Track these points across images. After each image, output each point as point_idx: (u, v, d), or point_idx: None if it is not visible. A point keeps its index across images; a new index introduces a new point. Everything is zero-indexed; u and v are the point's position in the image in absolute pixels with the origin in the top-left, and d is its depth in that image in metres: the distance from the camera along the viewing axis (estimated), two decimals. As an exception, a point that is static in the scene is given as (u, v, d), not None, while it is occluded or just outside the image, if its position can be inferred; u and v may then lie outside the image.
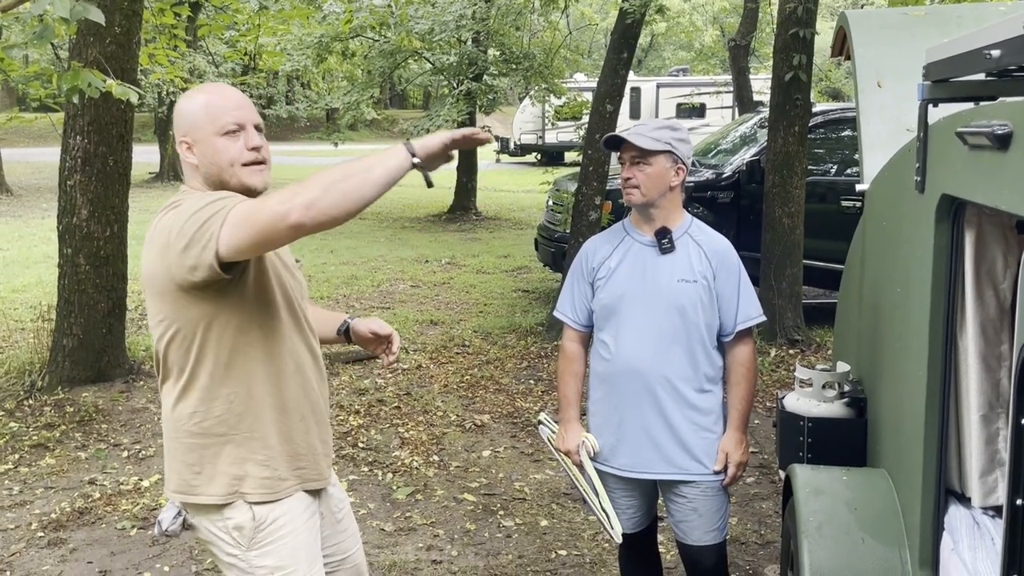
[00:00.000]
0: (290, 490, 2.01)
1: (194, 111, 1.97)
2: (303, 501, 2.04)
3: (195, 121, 1.96)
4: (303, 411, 2.03)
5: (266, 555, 1.97)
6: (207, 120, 1.95)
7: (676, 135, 2.48)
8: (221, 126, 1.94)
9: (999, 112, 1.64)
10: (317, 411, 2.08)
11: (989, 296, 2.04)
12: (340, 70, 17.06)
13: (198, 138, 1.96)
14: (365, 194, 1.72)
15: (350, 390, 5.71)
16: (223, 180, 1.96)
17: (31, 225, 13.12)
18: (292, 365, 2.01)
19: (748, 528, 3.87)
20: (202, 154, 1.96)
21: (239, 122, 1.96)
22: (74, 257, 5.42)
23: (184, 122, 1.98)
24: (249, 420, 1.95)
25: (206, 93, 2.01)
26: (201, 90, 2.04)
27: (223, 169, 1.95)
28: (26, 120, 7.49)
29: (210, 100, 1.98)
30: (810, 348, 6.50)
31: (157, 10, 6.16)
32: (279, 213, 1.69)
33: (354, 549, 2.28)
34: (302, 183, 1.71)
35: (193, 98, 2.01)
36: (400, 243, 11.98)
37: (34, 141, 26.11)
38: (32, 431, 4.88)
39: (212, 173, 1.97)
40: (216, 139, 1.95)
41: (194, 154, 1.97)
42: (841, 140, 7.64)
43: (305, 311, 2.12)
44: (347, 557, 2.26)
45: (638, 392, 2.50)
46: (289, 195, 1.69)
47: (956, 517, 2.06)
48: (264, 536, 1.97)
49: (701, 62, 23.80)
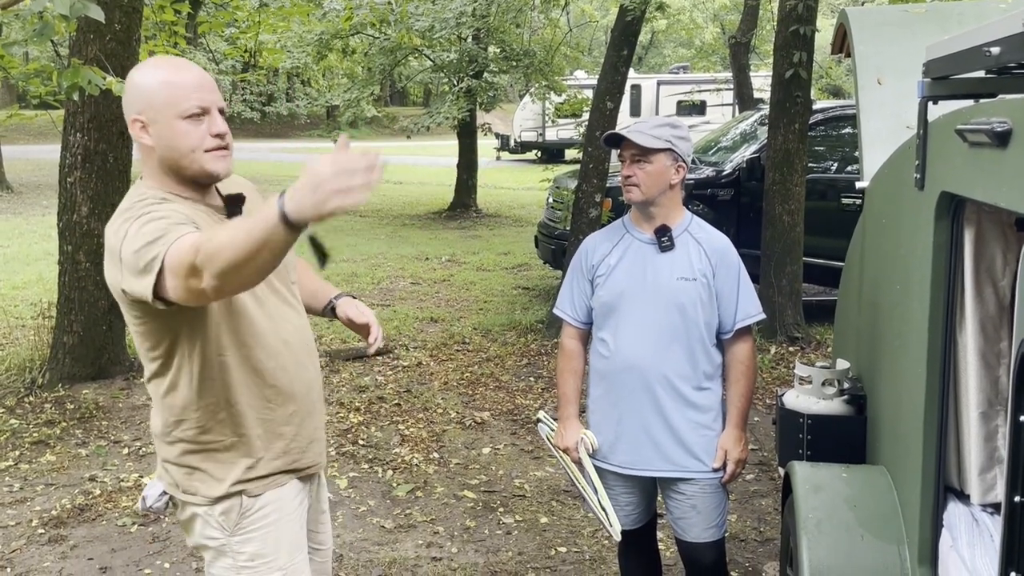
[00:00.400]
0: (280, 479, 1.98)
1: (151, 88, 1.80)
2: (293, 489, 2.01)
3: (152, 100, 1.80)
4: (289, 401, 1.96)
5: (248, 542, 1.94)
6: (167, 101, 1.79)
7: (676, 132, 2.48)
8: (184, 109, 1.79)
9: (999, 109, 1.64)
10: (304, 397, 2.00)
11: (988, 293, 2.04)
12: (340, 67, 17.06)
13: (155, 118, 1.80)
14: (232, 250, 1.51)
15: (350, 387, 5.72)
16: (181, 166, 1.83)
17: (32, 222, 13.11)
18: (272, 360, 1.92)
19: (748, 525, 3.88)
20: (160, 136, 1.81)
21: (203, 105, 1.81)
22: (74, 254, 5.42)
23: (138, 99, 1.81)
24: (231, 425, 1.90)
25: (164, 68, 1.83)
26: (157, 64, 1.87)
27: (183, 155, 1.81)
28: (26, 117, 7.46)
29: (170, 78, 1.81)
30: (810, 345, 6.50)
31: (157, 7, 6.15)
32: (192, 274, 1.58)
33: (330, 542, 2.29)
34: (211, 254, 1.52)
35: (149, 73, 1.83)
36: (400, 240, 11.98)
37: (35, 138, 26.10)
38: (33, 428, 4.88)
39: (169, 158, 1.83)
40: (177, 122, 1.79)
41: (149, 134, 1.82)
42: (841, 137, 7.63)
43: (293, 290, 2.04)
44: (325, 549, 2.26)
45: (637, 390, 2.50)
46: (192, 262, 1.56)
47: (955, 514, 2.06)
48: (249, 523, 1.94)
49: (702, 59, 23.75)
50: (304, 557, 2.04)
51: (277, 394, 1.95)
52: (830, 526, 2.26)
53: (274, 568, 1.96)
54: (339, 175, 1.40)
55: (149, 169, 1.87)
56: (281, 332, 1.95)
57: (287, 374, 1.96)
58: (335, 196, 1.40)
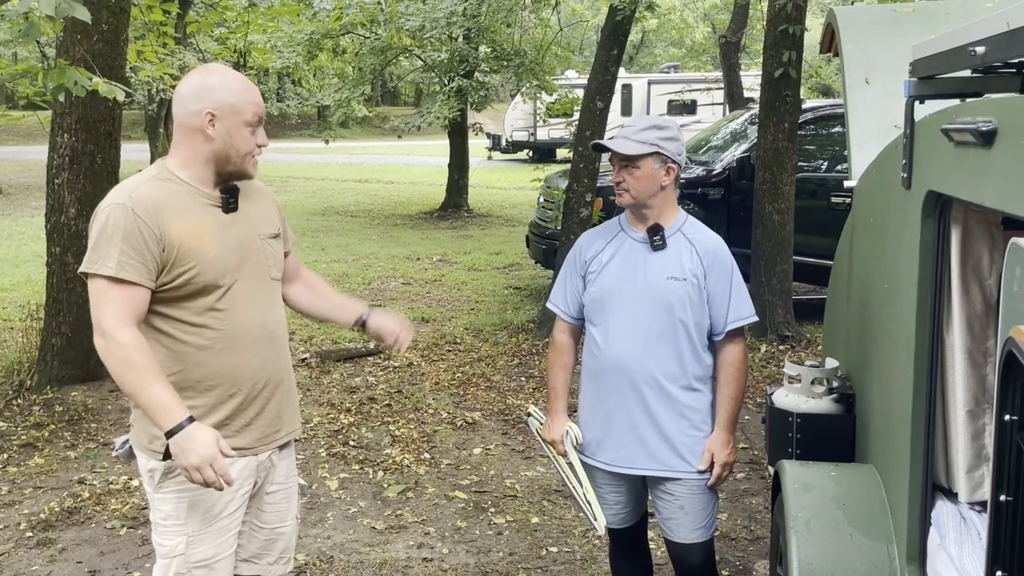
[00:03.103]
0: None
1: (232, 91, 2.06)
2: (232, 466, 2.12)
3: (232, 102, 2.05)
4: (236, 386, 2.13)
5: (165, 501, 2.13)
6: (242, 106, 2.06)
7: (663, 134, 2.46)
8: (250, 118, 2.08)
9: (984, 109, 1.64)
10: (256, 384, 2.17)
11: (975, 292, 2.04)
12: (331, 67, 17.03)
13: (227, 116, 2.05)
14: (120, 383, 1.98)
15: (341, 388, 5.70)
16: (228, 161, 2.08)
17: (20, 224, 13.04)
18: (222, 344, 2.10)
19: (738, 524, 3.88)
20: (225, 132, 2.05)
21: (262, 117, 2.11)
22: (62, 256, 5.40)
23: (216, 96, 2.04)
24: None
25: (240, 80, 2.10)
26: (232, 72, 2.13)
27: (236, 154, 2.08)
28: (14, 118, 7.44)
29: (246, 88, 2.09)
30: (800, 344, 6.52)
31: (145, 7, 6.12)
32: (96, 336, 1.98)
33: (276, 523, 2.36)
34: (122, 359, 1.95)
35: (229, 76, 2.09)
36: (391, 240, 11.96)
37: (23, 139, 25.97)
38: (21, 431, 4.86)
39: (224, 153, 2.07)
40: (242, 127, 2.07)
41: (214, 128, 2.04)
42: (831, 136, 7.66)
43: (270, 285, 2.21)
44: (269, 528, 2.34)
45: (624, 388, 2.50)
46: (104, 339, 1.96)
47: (943, 512, 2.07)
48: (170, 483, 2.11)
49: (692, 59, 23.83)
50: (225, 535, 2.17)
51: (217, 375, 2.11)
52: (819, 525, 2.27)
53: (180, 532, 2.13)
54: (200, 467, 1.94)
55: (189, 153, 2.08)
56: (240, 321, 2.13)
57: (236, 359, 2.13)
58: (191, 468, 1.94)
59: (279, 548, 2.37)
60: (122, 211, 1.98)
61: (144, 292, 2.00)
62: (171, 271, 2.03)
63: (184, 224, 2.04)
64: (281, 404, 2.26)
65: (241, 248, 2.14)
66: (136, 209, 1.99)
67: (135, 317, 1.99)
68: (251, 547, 2.32)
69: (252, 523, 2.30)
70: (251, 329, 2.14)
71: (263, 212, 2.26)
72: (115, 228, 1.97)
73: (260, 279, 2.18)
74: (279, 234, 2.29)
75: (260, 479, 2.27)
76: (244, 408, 2.17)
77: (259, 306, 2.17)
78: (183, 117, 2.07)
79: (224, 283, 2.09)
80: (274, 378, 2.22)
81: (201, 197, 2.11)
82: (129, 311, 1.97)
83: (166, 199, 2.04)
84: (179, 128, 2.09)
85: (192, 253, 2.04)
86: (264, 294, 2.19)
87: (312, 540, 3.72)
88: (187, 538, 2.13)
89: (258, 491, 2.28)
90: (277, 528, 2.36)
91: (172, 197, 2.05)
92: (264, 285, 2.20)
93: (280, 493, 2.34)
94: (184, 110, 2.07)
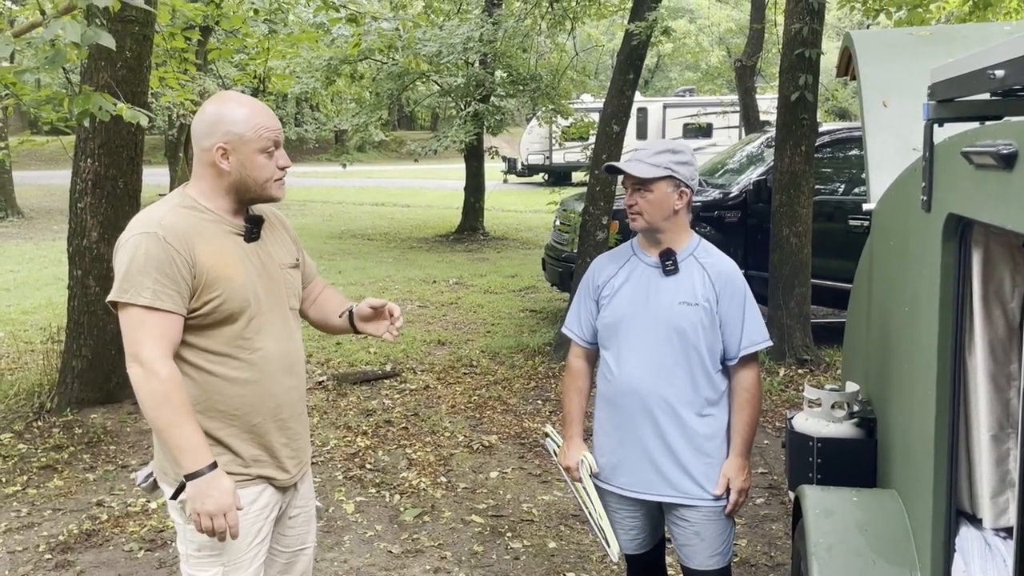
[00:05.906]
0: (243, 481, 2.10)
1: (239, 121, 2.04)
2: (259, 495, 2.13)
3: (240, 132, 2.04)
4: (261, 416, 2.12)
5: (198, 532, 2.07)
6: (251, 135, 2.04)
7: (676, 158, 2.46)
8: (263, 145, 2.06)
9: (1004, 132, 1.64)
10: (279, 414, 2.16)
11: (997, 315, 2.03)
12: (349, 92, 17.19)
13: (238, 148, 2.04)
14: (150, 416, 2.01)
15: (357, 411, 5.71)
16: (250, 190, 2.09)
17: (42, 247, 13.20)
18: (247, 373, 2.09)
19: (758, 550, 3.84)
20: (239, 164, 2.05)
21: (277, 140, 2.09)
22: (84, 279, 5.45)
23: (224, 129, 2.04)
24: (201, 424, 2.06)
25: (248, 106, 2.07)
26: (239, 100, 2.10)
27: (255, 183, 2.08)
28: (38, 143, 7.56)
29: (255, 114, 2.06)
30: (819, 368, 6.47)
31: (168, 34, 6.23)
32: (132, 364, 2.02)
33: (297, 546, 2.36)
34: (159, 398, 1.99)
35: (235, 107, 2.07)
36: (408, 263, 12.00)
37: (46, 164, 26.33)
38: (41, 452, 4.89)
39: (241, 183, 2.07)
40: (257, 156, 2.06)
41: (228, 161, 2.05)
42: (848, 159, 7.64)
43: (289, 315, 2.21)
44: (289, 552, 2.35)
45: (638, 413, 2.49)
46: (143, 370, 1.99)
47: (967, 539, 2.04)
48: None
49: (707, 82, 23.85)
50: (256, 557, 2.16)
51: (243, 404, 2.10)
52: (841, 551, 2.24)
53: (216, 563, 2.11)
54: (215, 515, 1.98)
55: (208, 184, 2.10)
56: (265, 350, 2.13)
57: (260, 388, 2.12)
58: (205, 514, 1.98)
59: (298, 571, 2.38)
60: (154, 240, 1.99)
61: (179, 321, 2.01)
62: (200, 297, 2.03)
63: (211, 251, 2.05)
64: (302, 432, 2.28)
65: (263, 277, 2.15)
66: (168, 238, 2.00)
67: (172, 347, 2.00)
68: (271, 572, 2.32)
69: (273, 548, 2.30)
70: (275, 359, 2.15)
71: (282, 242, 2.28)
72: (147, 257, 1.98)
73: (281, 309, 2.19)
74: (298, 264, 2.30)
75: (284, 503, 2.27)
76: (272, 437, 2.17)
77: (281, 336, 2.17)
78: (198, 152, 2.09)
79: (249, 312, 2.09)
80: (298, 408, 2.24)
81: (225, 225, 2.12)
82: (167, 341, 1.99)
83: (194, 226, 2.06)
84: (197, 161, 2.12)
85: (220, 281, 2.05)
86: (284, 324, 2.20)
87: (329, 564, 3.71)
88: (223, 568, 2.12)
89: (281, 515, 2.28)
90: (296, 551, 2.36)
91: (198, 223, 2.07)
92: (284, 315, 2.20)
93: (301, 516, 2.35)
94: (199, 145, 2.08)
